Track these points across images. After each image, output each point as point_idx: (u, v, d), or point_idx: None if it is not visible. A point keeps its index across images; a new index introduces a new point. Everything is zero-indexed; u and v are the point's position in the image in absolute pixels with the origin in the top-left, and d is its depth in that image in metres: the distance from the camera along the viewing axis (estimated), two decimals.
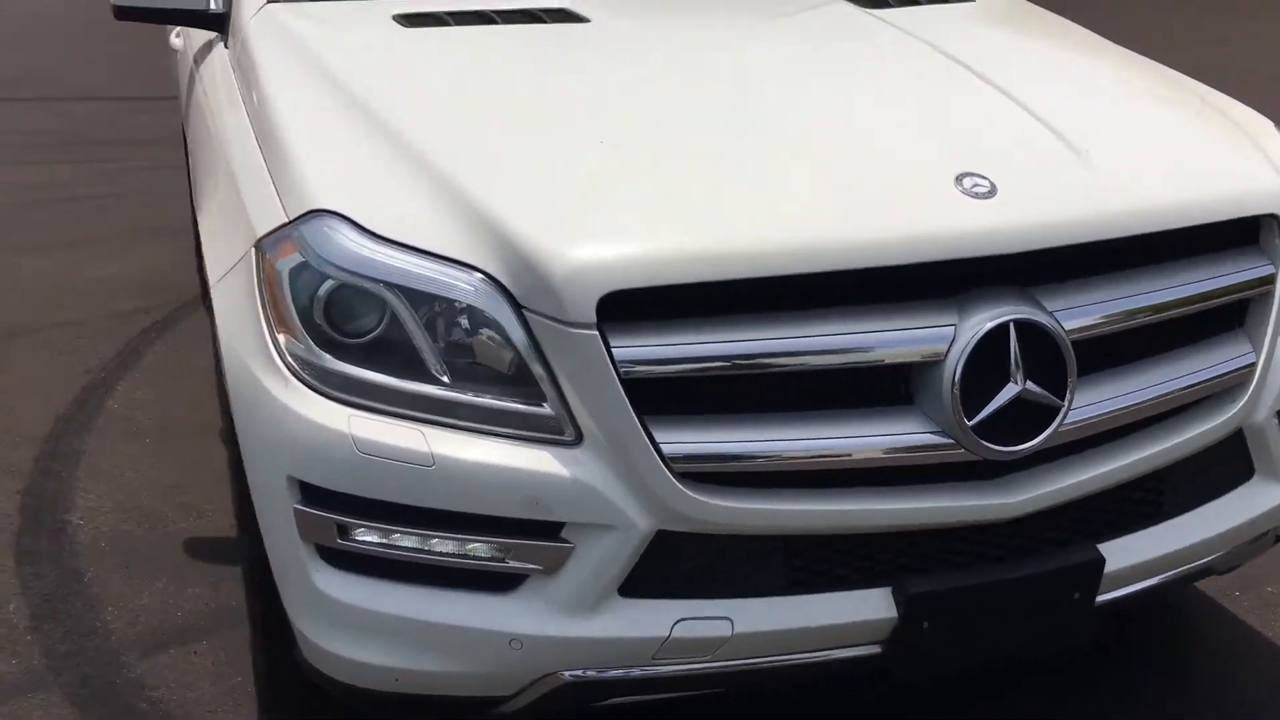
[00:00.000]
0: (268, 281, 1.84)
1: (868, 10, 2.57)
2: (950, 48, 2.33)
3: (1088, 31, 2.72)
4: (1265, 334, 1.98)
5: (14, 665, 2.61)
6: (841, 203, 1.75)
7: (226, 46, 2.69)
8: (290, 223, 1.84)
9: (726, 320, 1.67)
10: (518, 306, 1.69)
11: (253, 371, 1.83)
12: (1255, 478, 2.06)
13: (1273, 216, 1.97)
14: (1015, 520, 1.80)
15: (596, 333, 1.64)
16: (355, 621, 1.79)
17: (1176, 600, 2.80)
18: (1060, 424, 1.75)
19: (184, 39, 3.36)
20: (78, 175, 6.88)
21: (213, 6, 2.74)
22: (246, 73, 2.39)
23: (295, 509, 1.77)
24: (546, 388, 1.69)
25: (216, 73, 2.68)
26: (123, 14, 2.87)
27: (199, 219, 2.26)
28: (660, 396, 1.67)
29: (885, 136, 1.95)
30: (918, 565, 1.80)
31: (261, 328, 1.83)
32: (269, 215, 1.91)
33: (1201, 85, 2.42)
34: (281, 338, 1.80)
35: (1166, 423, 1.91)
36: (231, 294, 1.94)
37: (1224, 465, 2.03)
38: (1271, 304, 1.98)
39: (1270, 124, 2.28)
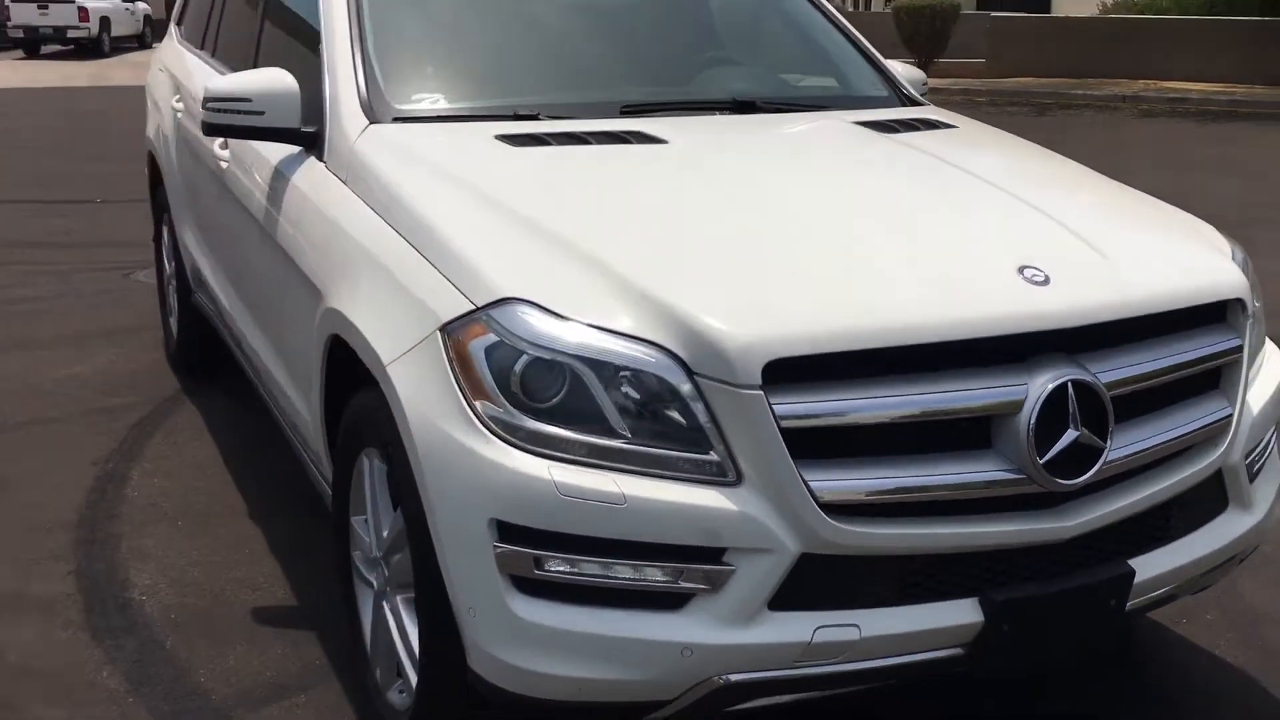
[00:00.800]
0: (459, 358, 2.20)
1: (884, 134, 3.10)
2: (961, 162, 2.87)
3: (1047, 149, 3.31)
4: (1237, 393, 2.51)
5: None
6: (940, 290, 2.22)
7: (322, 159, 3.03)
8: (480, 309, 2.20)
9: (858, 381, 2.10)
10: (690, 373, 2.09)
11: (448, 433, 2.17)
12: (1229, 509, 2.58)
13: (1237, 300, 2.52)
14: (1068, 541, 2.26)
15: (761, 393, 2.05)
16: (546, 640, 2.13)
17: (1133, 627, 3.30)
18: (1104, 462, 2.23)
19: (231, 151, 3.67)
20: (4, 279, 6.96)
21: (304, 127, 3.09)
22: (369, 182, 2.75)
23: (495, 546, 2.11)
24: (714, 438, 2.09)
25: (310, 183, 3.02)
26: (211, 130, 3.20)
27: (345, 307, 2.58)
28: (809, 443, 2.08)
29: (951, 235, 2.45)
30: (997, 579, 2.24)
31: (456, 396, 2.18)
32: (450, 304, 2.27)
33: (1149, 196, 3.00)
34: (478, 404, 2.15)
35: (1172, 463, 2.41)
36: (415, 370, 2.28)
37: (1207, 499, 2.54)
38: (1239, 368, 2.51)
39: (1210, 226, 2.86)
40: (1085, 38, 22.90)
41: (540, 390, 2.14)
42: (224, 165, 3.74)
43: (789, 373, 2.07)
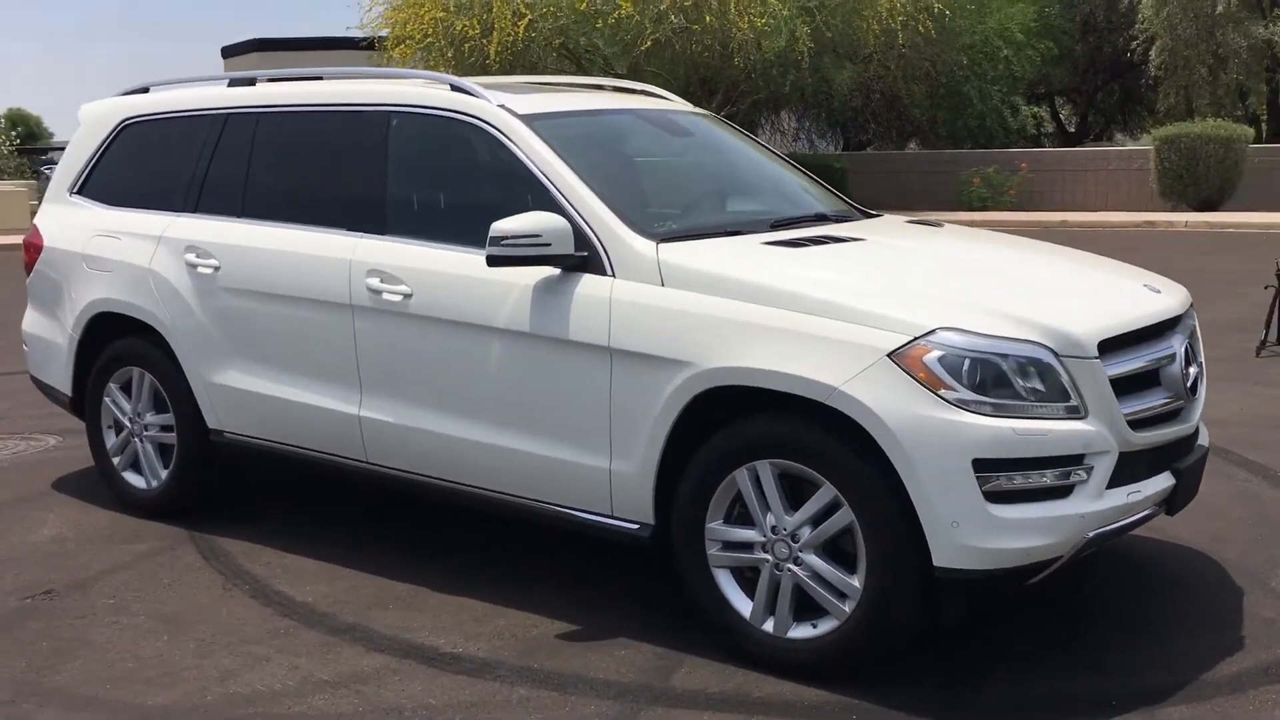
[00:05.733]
0: (916, 368, 3.51)
1: (934, 227, 4.81)
2: (1008, 239, 4.65)
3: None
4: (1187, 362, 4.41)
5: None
6: (1131, 301, 3.95)
7: (606, 274, 4.07)
8: (920, 337, 3.53)
9: (1123, 351, 3.74)
10: (1057, 356, 3.59)
11: (924, 414, 3.47)
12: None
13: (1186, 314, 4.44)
14: (1190, 434, 4.04)
15: (1099, 360, 3.62)
16: (1009, 528, 3.49)
17: None
18: (1193, 384, 4.04)
19: (418, 287, 4.47)
20: None
21: (575, 252, 4.11)
22: (703, 280, 3.86)
23: (977, 476, 3.46)
24: (1073, 392, 3.60)
25: (608, 291, 4.03)
26: (499, 262, 4.11)
27: (751, 363, 3.71)
28: (1120, 384, 3.67)
29: (1091, 274, 4.21)
30: (1175, 460, 3.94)
31: (921, 392, 3.49)
32: (885, 339, 3.56)
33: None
34: (942, 392, 3.49)
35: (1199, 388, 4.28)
36: (872, 384, 3.52)
37: None
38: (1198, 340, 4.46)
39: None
40: None
41: (974, 377, 3.53)
42: (398, 299, 4.49)
43: (1104, 348, 3.66)
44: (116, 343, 5.58)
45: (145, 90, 5.89)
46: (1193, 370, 4.03)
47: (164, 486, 5.51)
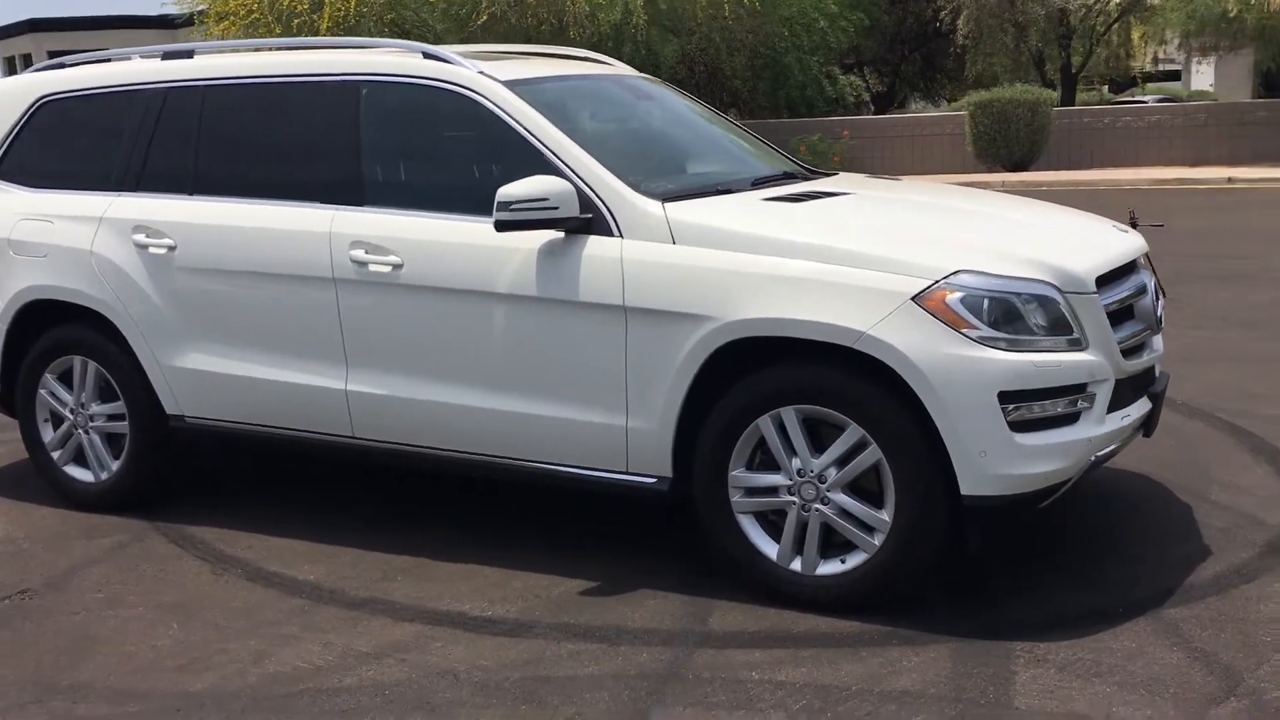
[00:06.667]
0: (939, 309, 3.71)
1: (900, 180, 5.00)
2: (961, 190, 4.90)
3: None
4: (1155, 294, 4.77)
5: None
6: (1113, 239, 4.23)
7: (613, 235, 4.13)
8: (942, 279, 3.73)
9: (1109, 285, 4.03)
10: (1062, 292, 3.84)
11: (950, 352, 3.68)
12: None
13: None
14: (1156, 362, 4.39)
15: (1097, 294, 3.90)
16: (1031, 454, 3.73)
17: None
18: (1161, 315, 4.38)
19: (407, 257, 4.44)
20: None
21: (580, 214, 4.17)
22: (718, 236, 3.97)
23: (1003, 407, 3.69)
24: (1075, 325, 3.86)
25: (617, 250, 4.09)
26: (508, 227, 4.13)
27: (776, 313, 3.83)
28: (1112, 318, 3.96)
29: (1065, 217, 4.49)
30: (1148, 385, 4.27)
31: (946, 331, 3.70)
32: (906, 283, 3.74)
33: None
34: (965, 330, 3.70)
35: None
36: (897, 327, 3.70)
37: None
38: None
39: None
40: None
41: (992, 315, 3.75)
42: (387, 270, 4.45)
43: (1098, 284, 3.95)
44: (52, 331, 5.34)
45: (61, 66, 5.63)
46: (1161, 302, 4.37)
47: (116, 478, 5.31)
